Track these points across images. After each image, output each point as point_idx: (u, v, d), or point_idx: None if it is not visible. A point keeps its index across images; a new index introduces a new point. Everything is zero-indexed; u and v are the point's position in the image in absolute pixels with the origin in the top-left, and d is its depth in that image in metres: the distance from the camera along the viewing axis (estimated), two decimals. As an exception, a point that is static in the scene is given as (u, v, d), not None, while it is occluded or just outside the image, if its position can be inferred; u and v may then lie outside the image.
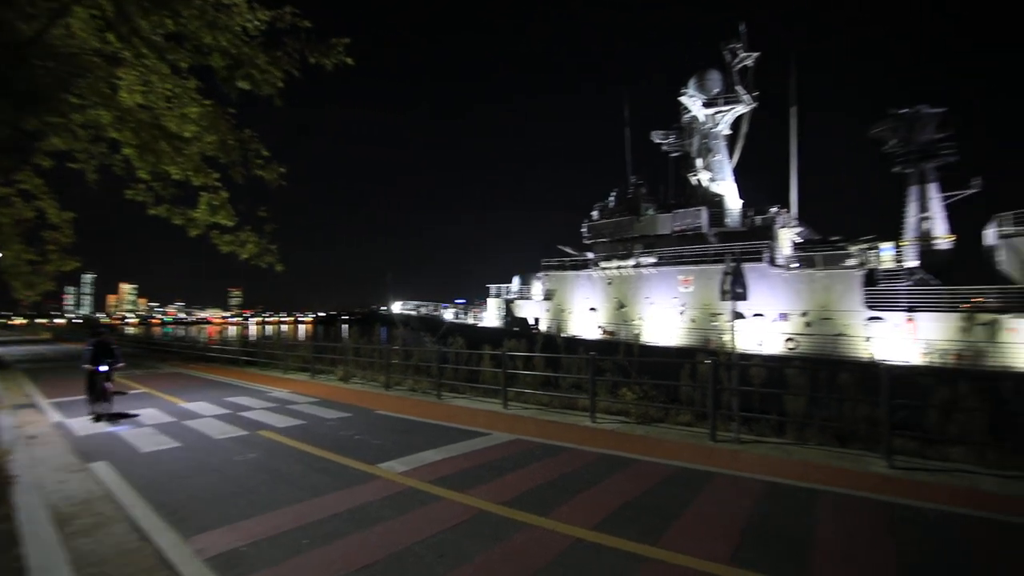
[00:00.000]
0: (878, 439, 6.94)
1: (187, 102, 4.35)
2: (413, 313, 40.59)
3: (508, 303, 35.41)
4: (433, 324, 35.46)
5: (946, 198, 26.30)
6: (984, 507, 5.22)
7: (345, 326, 66.66)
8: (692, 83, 31.16)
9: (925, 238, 25.82)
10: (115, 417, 9.96)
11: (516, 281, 36.46)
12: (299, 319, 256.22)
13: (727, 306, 8.92)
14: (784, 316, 23.08)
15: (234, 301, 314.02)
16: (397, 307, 42.19)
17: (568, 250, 34.43)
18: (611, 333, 27.99)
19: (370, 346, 17.15)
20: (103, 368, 9.84)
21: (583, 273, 31.28)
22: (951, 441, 7.18)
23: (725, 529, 4.69)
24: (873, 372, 6.82)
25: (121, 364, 10.34)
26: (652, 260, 28.14)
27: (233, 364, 21.21)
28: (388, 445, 7.78)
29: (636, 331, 26.41)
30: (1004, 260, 20.52)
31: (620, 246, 30.62)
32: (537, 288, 34.63)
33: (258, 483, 6.10)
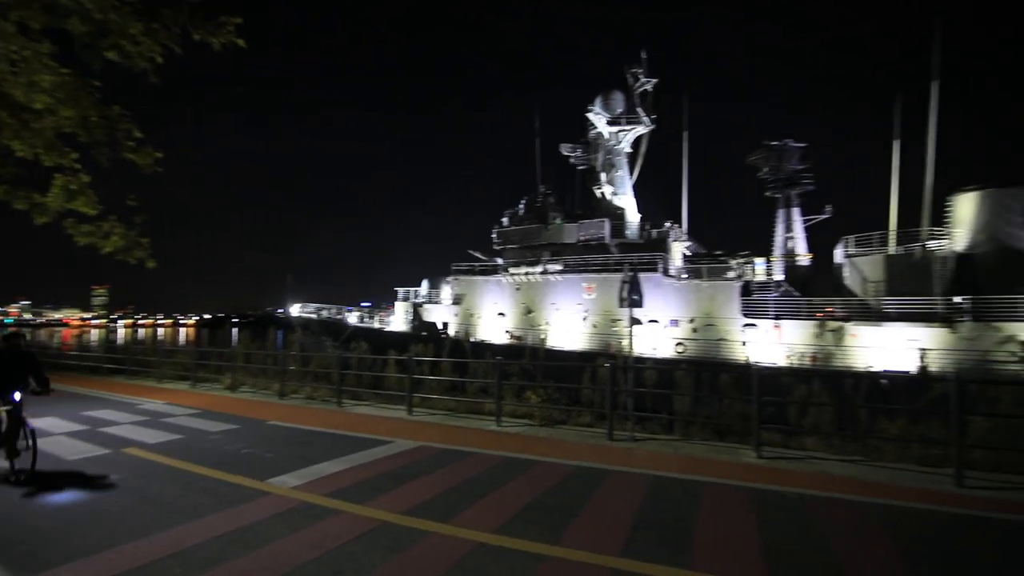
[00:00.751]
0: (750, 433, 7.76)
1: (38, 68, 3.70)
2: (314, 316, 38.32)
3: (416, 307, 34.76)
4: (336, 328, 33.74)
5: (806, 221, 30.32)
6: (830, 488, 6.05)
7: (235, 330, 61.04)
8: (598, 101, 32.94)
9: (790, 255, 29.52)
10: (32, 476, 6.35)
11: (425, 285, 35.92)
12: (180, 322, 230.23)
13: (626, 312, 9.51)
14: (675, 322, 25.08)
15: (98, 301, 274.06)
16: (296, 310, 39.60)
17: (478, 255, 34.64)
18: (518, 338, 28.55)
19: (263, 351, 15.90)
20: (17, 396, 6.38)
21: (492, 278, 31.62)
22: (807, 432, 8.24)
23: (618, 524, 4.96)
24: (746, 373, 7.64)
25: (46, 389, 6.77)
26: (558, 267, 29.20)
27: (94, 373, 18.54)
28: (280, 458, 7.25)
29: (542, 336, 27.18)
30: (848, 276, 24.09)
31: (529, 253, 31.42)
32: (446, 292, 34.40)
33: (122, 509, 5.38)
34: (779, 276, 26.28)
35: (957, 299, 19.85)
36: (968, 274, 21.47)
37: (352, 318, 38.63)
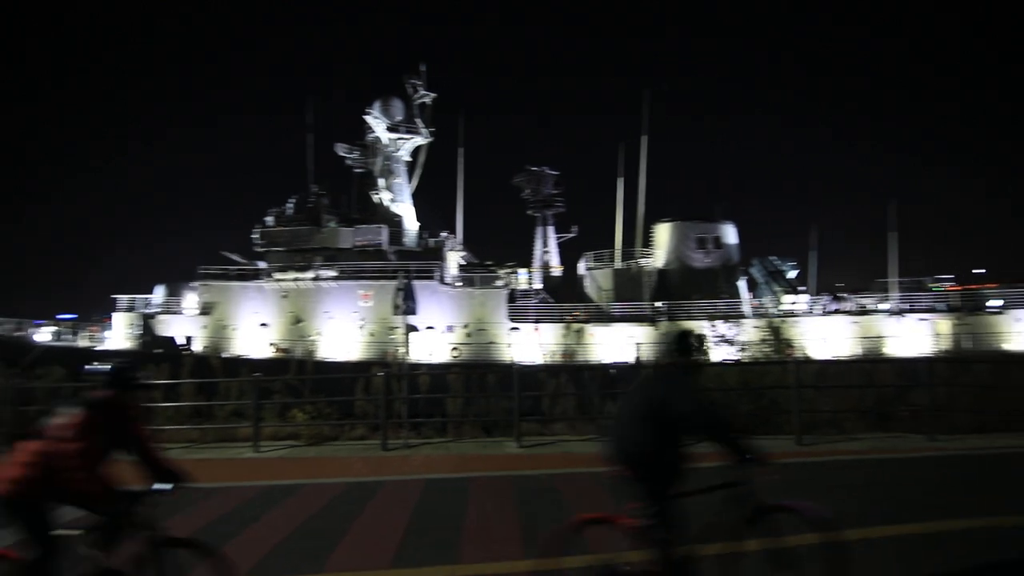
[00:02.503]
0: (512, 426, 8.59)
1: None
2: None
3: (147, 319, 28.28)
4: (16, 349, 24.96)
5: (558, 238, 35.39)
6: (574, 465, 7.11)
7: None
8: (377, 105, 32.39)
9: (546, 267, 33.98)
10: None
11: (160, 292, 29.54)
12: None
13: (402, 319, 9.51)
14: (451, 328, 26.23)
15: None
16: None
17: (235, 258, 30.16)
18: (285, 350, 25.82)
19: None
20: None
21: (253, 284, 27.93)
22: (557, 419, 9.55)
23: (390, 534, 4.88)
24: (509, 372, 8.45)
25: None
26: (332, 273, 27.51)
27: None
28: None
29: (313, 347, 25.17)
30: (588, 285, 29.06)
31: (298, 257, 28.76)
32: (191, 300, 28.93)
33: None
34: (538, 285, 29.96)
35: (658, 304, 25.84)
36: (664, 285, 28.20)
37: (43, 335, 29.29)
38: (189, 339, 27.47)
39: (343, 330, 26.53)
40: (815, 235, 32.20)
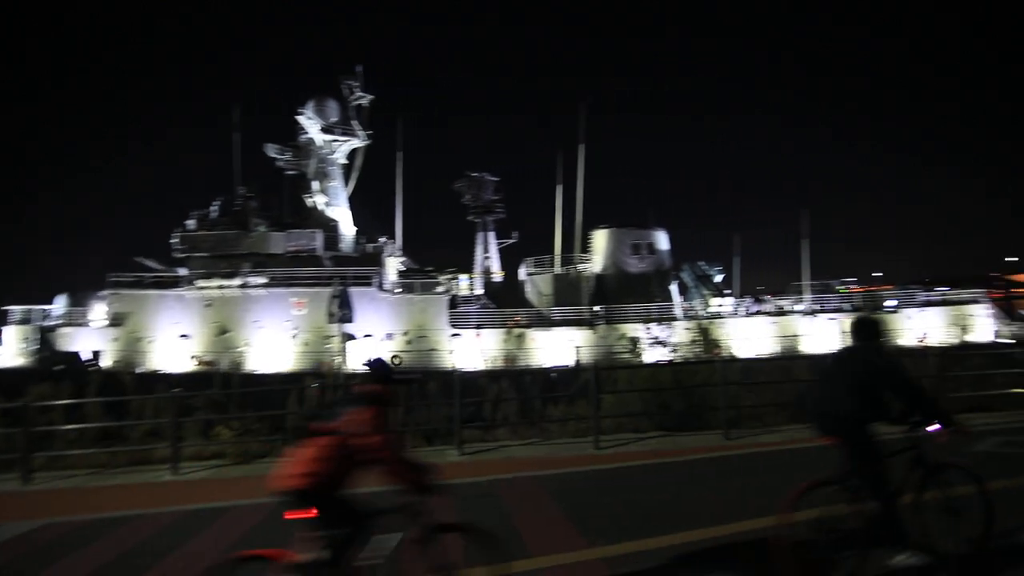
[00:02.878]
0: (453, 433, 8.49)
1: None
2: None
3: (45, 332, 25.50)
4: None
5: (499, 243, 35.57)
6: (515, 469, 7.13)
7: None
8: (311, 106, 31.18)
9: (487, 272, 34.03)
10: None
11: (61, 301, 26.76)
12: None
13: (338, 328, 9.16)
14: (390, 336, 25.60)
15: None
16: None
17: (151, 264, 27.91)
18: (209, 363, 24.13)
19: None
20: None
21: (172, 292, 25.95)
22: (499, 425, 9.55)
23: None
24: (450, 379, 8.36)
25: None
26: (263, 280, 26.09)
27: None
28: None
29: (241, 359, 23.72)
30: (529, 291, 29.38)
31: (224, 263, 27.03)
32: (100, 311, 26.41)
33: None
34: (479, 291, 29.94)
35: (596, 308, 26.57)
36: (602, 289, 29.05)
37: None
38: (96, 354, 25.06)
39: (274, 340, 25.19)
40: (738, 242, 34.50)
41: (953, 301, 29.54)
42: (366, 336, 25.04)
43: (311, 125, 31.00)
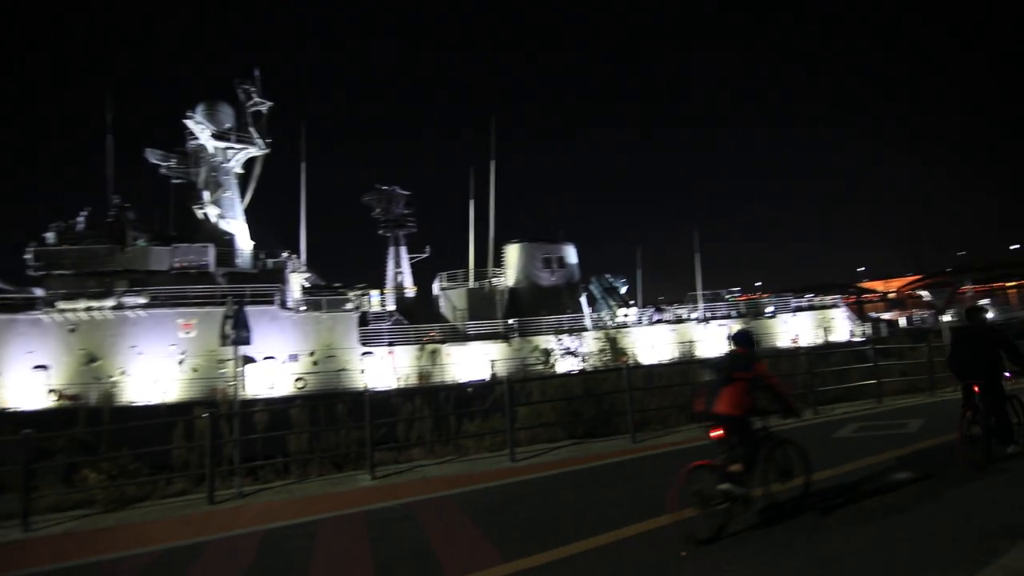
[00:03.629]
0: (365, 457, 8.10)
1: None
2: None
3: None
4: None
5: (411, 258, 34.91)
6: (430, 490, 6.95)
7: None
8: (201, 109, 28.71)
9: (399, 288, 33.20)
10: None
11: None
12: None
13: (236, 351, 8.38)
14: (295, 357, 23.96)
15: None
16: None
17: (-5, 284, 23.85)
18: (73, 397, 20.99)
19: None
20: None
21: (24, 316, 22.34)
22: (413, 444, 9.27)
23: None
24: (360, 400, 7.99)
25: None
26: (142, 300, 23.30)
27: None
28: None
29: (114, 390, 20.92)
30: (443, 306, 29.07)
31: (93, 281, 23.78)
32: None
33: None
34: (391, 307, 29.08)
35: (510, 321, 26.89)
36: (515, 302, 29.52)
37: None
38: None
39: (156, 367, 22.52)
40: (640, 255, 36.87)
41: (818, 306, 33.76)
42: (267, 358, 23.23)
43: (201, 130, 28.51)
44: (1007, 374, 5.72)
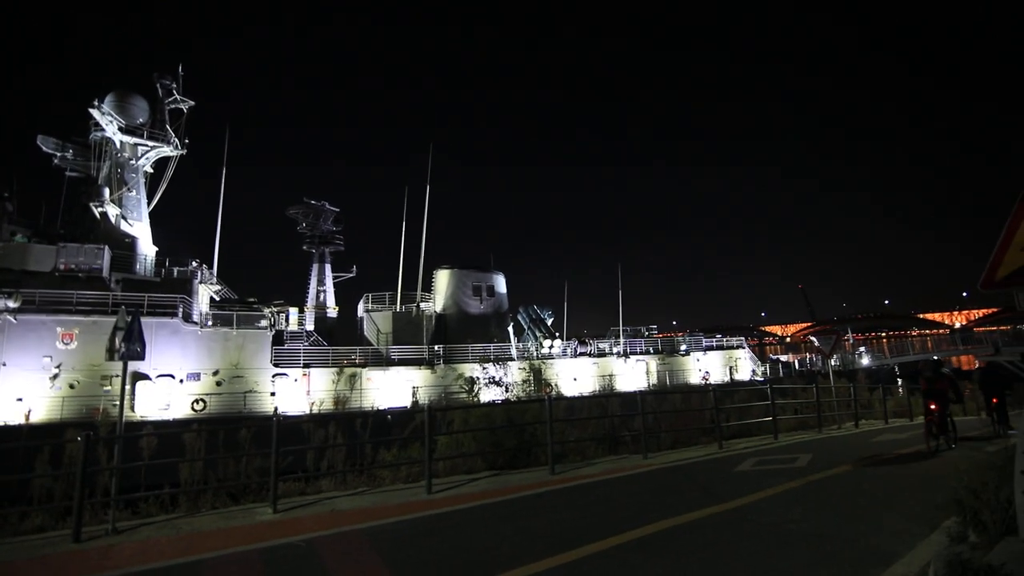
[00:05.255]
0: (268, 488, 7.47)
1: None
2: None
3: None
4: None
5: (336, 277, 33.58)
6: (338, 524, 6.50)
7: None
8: (110, 100, 26.35)
9: (320, 307, 31.70)
10: None
11: None
12: None
13: (127, 366, 7.46)
14: (196, 376, 21.92)
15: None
16: None
17: None
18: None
19: None
20: None
21: None
22: (323, 475, 8.69)
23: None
24: (267, 425, 7.41)
25: None
26: (13, 304, 20.43)
27: None
28: None
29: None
30: (366, 328, 28.03)
31: (-49, 280, 20.60)
32: None
33: None
34: (310, 326, 27.63)
35: (436, 347, 26.44)
36: (442, 328, 29.13)
37: None
38: None
39: (25, 382, 19.66)
40: (567, 288, 37.98)
41: (725, 347, 36.36)
42: (162, 376, 21.07)
43: (108, 122, 26.12)
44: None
